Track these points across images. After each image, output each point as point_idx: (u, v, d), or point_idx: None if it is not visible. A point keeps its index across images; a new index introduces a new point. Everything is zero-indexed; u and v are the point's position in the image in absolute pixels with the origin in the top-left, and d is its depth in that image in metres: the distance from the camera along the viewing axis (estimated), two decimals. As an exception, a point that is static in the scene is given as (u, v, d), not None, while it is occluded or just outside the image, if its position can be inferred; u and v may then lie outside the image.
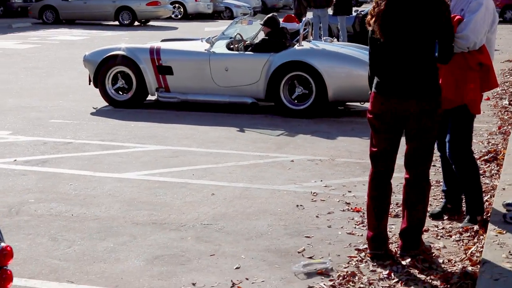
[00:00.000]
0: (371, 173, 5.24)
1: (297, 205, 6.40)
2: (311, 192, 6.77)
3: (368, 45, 5.17)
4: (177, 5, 34.25)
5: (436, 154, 8.08)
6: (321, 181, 7.19)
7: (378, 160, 5.18)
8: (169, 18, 32.43)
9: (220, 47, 11.04)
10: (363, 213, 6.11)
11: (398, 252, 5.23)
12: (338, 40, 18.23)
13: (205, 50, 10.95)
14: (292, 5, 44.47)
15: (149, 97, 11.46)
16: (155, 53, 11.10)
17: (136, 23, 30.04)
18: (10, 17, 31.80)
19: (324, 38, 13.06)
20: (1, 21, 29.76)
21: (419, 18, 4.88)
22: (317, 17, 20.28)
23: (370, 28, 5.05)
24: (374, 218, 5.21)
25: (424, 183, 5.20)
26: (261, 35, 11.58)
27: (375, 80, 5.11)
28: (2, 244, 3.49)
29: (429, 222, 5.84)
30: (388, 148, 5.13)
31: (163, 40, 12.39)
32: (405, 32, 4.91)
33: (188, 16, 34.58)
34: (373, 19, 4.99)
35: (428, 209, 6.08)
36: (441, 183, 6.92)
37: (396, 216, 6.05)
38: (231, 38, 11.26)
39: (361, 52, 10.90)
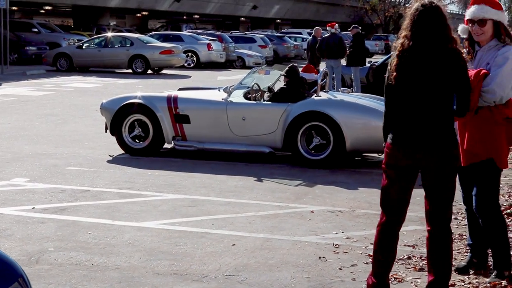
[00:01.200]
0: (380, 223, 5.21)
1: (320, 257, 6.32)
2: (333, 244, 6.69)
3: (384, 95, 5.18)
4: (190, 53, 34.55)
5: (457, 207, 8.03)
6: (343, 232, 7.12)
7: (390, 210, 5.15)
8: (182, 67, 32.70)
9: (238, 97, 11.07)
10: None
11: None
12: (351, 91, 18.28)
13: (223, 99, 10.97)
14: (305, 55, 44.87)
15: (166, 145, 11.46)
16: (172, 101, 11.13)
17: (149, 71, 30.26)
18: (24, 64, 32.10)
19: (342, 89, 13.10)
20: (15, 68, 30.02)
21: (438, 72, 4.91)
22: (330, 67, 20.37)
23: (387, 81, 5.08)
24: (380, 267, 5.17)
25: (448, 236, 5.14)
26: (278, 85, 11.62)
27: (390, 131, 5.10)
28: (31, 295, 3.43)
29: (455, 277, 5.75)
30: (401, 198, 5.11)
31: (180, 89, 12.43)
32: (422, 85, 4.93)
33: (200, 65, 34.87)
34: (392, 72, 5.02)
35: (453, 263, 6.01)
36: (465, 237, 6.85)
37: (421, 269, 5.95)
38: (248, 87, 11.29)
39: (377, 103, 10.90)
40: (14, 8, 48.92)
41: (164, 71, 31.09)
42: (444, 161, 4.96)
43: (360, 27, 22.62)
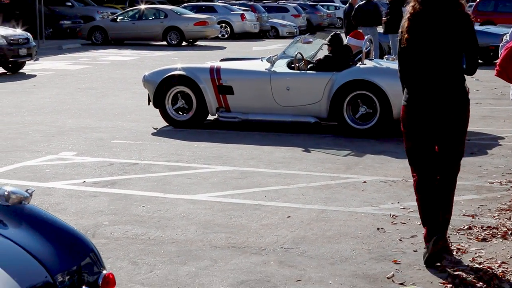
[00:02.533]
0: (414, 184, 5.47)
1: (378, 228, 6.20)
2: (390, 215, 6.57)
3: (398, 59, 5.45)
4: (223, 24, 34.34)
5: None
6: (398, 203, 6.99)
7: (419, 169, 5.41)
8: (216, 38, 32.49)
9: (281, 66, 10.93)
10: (448, 236, 5.89)
11: None
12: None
13: (266, 69, 10.83)
14: (338, 24, 44.32)
15: (209, 117, 11.38)
16: (215, 72, 11.02)
17: (184, 43, 30.13)
18: (59, 38, 32.11)
19: (386, 56, 12.86)
20: (50, 42, 30.06)
21: (448, 33, 5.17)
22: (367, 35, 20.06)
23: (399, 44, 5.33)
24: (428, 223, 5.35)
25: (452, 184, 5.44)
26: (321, 54, 11.45)
27: (405, 90, 5.41)
28: (104, 272, 3.37)
29: (519, 247, 5.63)
30: (426, 155, 5.37)
31: (222, 60, 12.31)
32: (433, 46, 5.18)
33: (234, 36, 34.65)
34: (403, 34, 5.25)
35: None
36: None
37: (484, 240, 5.82)
38: (291, 57, 11.13)
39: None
40: (46, -18, 48.96)
41: (198, 43, 30.95)
42: (455, 118, 5.23)
43: (396, -6, 22.20)
